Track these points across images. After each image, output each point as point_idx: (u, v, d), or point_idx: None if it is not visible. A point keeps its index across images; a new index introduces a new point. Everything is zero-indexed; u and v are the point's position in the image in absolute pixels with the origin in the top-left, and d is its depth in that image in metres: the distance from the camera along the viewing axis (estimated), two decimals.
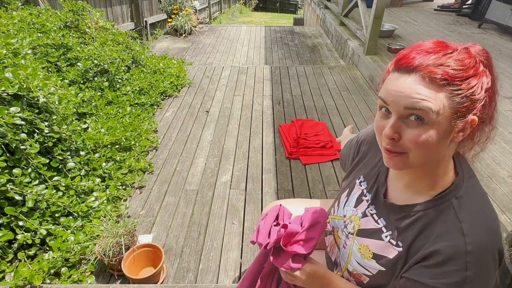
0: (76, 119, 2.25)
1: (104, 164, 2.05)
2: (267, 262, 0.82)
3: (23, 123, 1.64)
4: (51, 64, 2.51)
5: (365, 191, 0.80)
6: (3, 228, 1.52)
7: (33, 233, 1.58)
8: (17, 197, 1.55)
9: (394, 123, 0.59)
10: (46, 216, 1.64)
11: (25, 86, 1.73)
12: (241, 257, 1.70)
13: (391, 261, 0.69)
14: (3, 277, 1.50)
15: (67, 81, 2.51)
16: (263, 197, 2.11)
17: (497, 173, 1.94)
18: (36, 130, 1.74)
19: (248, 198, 2.09)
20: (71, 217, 1.72)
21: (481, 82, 0.57)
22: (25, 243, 1.56)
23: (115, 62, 2.94)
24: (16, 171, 1.58)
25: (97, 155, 2.08)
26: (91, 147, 2.09)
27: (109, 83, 2.83)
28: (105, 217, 1.80)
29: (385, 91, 0.61)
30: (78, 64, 2.67)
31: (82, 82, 2.65)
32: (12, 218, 1.54)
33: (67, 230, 1.66)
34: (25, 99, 1.74)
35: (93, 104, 2.51)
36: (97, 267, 1.60)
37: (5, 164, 1.53)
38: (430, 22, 5.67)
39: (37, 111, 1.77)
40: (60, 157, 1.82)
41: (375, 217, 0.75)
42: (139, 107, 2.91)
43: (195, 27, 6.22)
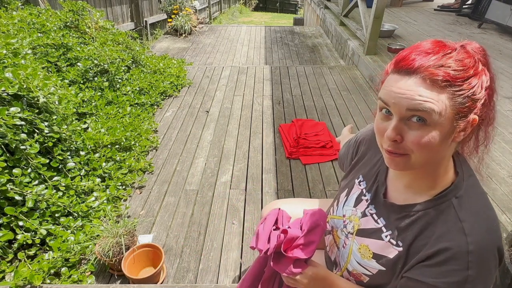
0: (76, 119, 2.25)
1: (104, 164, 2.05)
2: (268, 267, 0.81)
3: (23, 123, 1.64)
4: (51, 64, 2.51)
5: (364, 190, 0.80)
6: (3, 228, 1.52)
7: (33, 233, 1.58)
8: (17, 197, 1.55)
9: (396, 125, 0.59)
10: (46, 216, 1.64)
11: (25, 86, 1.73)
12: (241, 257, 1.70)
13: (391, 260, 0.69)
14: (3, 277, 1.50)
15: (67, 81, 2.51)
16: (263, 197, 2.11)
17: (497, 173, 1.94)
18: (36, 130, 1.74)
19: (248, 198, 2.09)
20: (71, 217, 1.72)
21: (481, 81, 0.57)
22: (25, 243, 1.56)
23: (115, 62, 2.94)
24: (16, 171, 1.58)
25: (97, 155, 2.08)
26: (91, 147, 2.09)
27: (109, 83, 2.83)
28: (105, 217, 1.80)
29: (386, 93, 0.60)
30: (78, 64, 2.67)
31: (82, 82, 2.65)
32: (12, 218, 1.54)
33: (67, 230, 1.66)
34: (25, 99, 1.74)
35: (93, 104, 2.51)
36: (97, 267, 1.60)
37: (5, 164, 1.53)
38: (430, 22, 5.67)
39: (37, 111, 1.77)
40: (60, 157, 1.82)
41: (375, 216, 0.75)
42: (139, 107, 2.91)
43: (195, 27, 6.22)
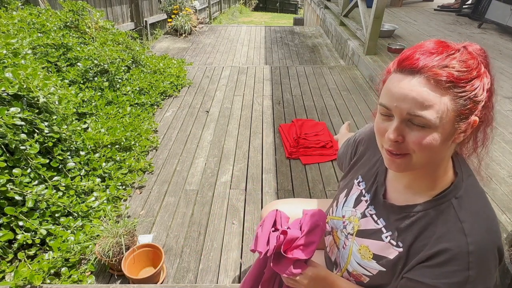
0: (76, 119, 2.25)
1: (104, 164, 2.05)
2: (267, 268, 0.81)
3: (23, 123, 1.64)
4: (51, 64, 2.51)
5: (363, 191, 0.80)
6: (3, 228, 1.52)
7: (33, 233, 1.58)
8: (17, 197, 1.55)
9: (397, 126, 0.59)
10: (46, 216, 1.64)
11: (25, 86, 1.73)
12: (241, 257, 1.70)
13: (392, 261, 0.69)
14: (3, 277, 1.50)
15: (67, 81, 2.51)
16: (263, 197, 2.11)
17: (497, 173, 1.94)
18: (36, 130, 1.74)
19: (248, 198, 2.09)
20: (71, 217, 1.72)
21: (483, 83, 0.57)
22: (25, 243, 1.56)
23: (115, 62, 2.94)
24: (16, 171, 1.58)
25: (97, 155, 2.08)
26: (91, 147, 2.09)
27: (109, 83, 2.83)
28: (105, 217, 1.80)
29: (387, 95, 0.60)
30: (78, 64, 2.67)
31: (82, 82, 2.65)
32: (12, 218, 1.54)
33: (67, 230, 1.66)
34: (25, 99, 1.74)
35: (93, 104, 2.51)
36: (97, 267, 1.60)
37: (5, 164, 1.53)
38: (430, 22, 5.67)
39: (37, 111, 1.77)
40: (60, 157, 1.82)
41: (375, 217, 0.75)
42: (139, 107, 2.91)
43: (195, 27, 6.22)
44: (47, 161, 1.75)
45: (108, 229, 1.60)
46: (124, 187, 2.09)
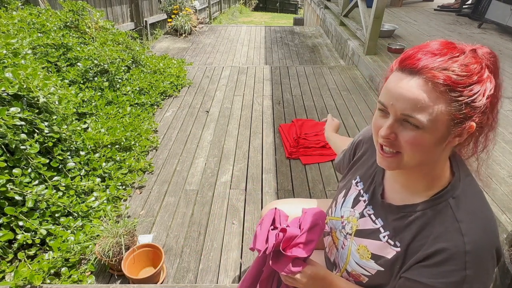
0: (76, 119, 2.25)
1: (104, 164, 2.05)
2: (266, 266, 0.81)
3: (23, 123, 1.64)
4: (51, 64, 2.51)
5: (362, 191, 0.81)
6: (3, 228, 1.52)
7: (33, 233, 1.58)
8: (17, 197, 1.55)
9: (391, 124, 0.60)
10: (46, 216, 1.64)
11: (25, 86, 1.73)
12: (241, 257, 1.70)
13: (389, 261, 0.69)
14: (3, 277, 1.50)
15: (67, 81, 2.51)
16: (263, 197, 2.11)
17: (497, 173, 1.94)
18: (36, 130, 1.74)
19: (248, 198, 2.09)
20: (71, 217, 1.72)
21: (483, 89, 0.56)
22: (25, 243, 1.56)
23: (115, 62, 2.94)
24: (16, 171, 1.58)
25: (97, 155, 2.08)
26: (91, 147, 2.09)
27: (109, 83, 2.83)
28: (105, 217, 1.80)
29: (386, 92, 0.61)
30: (78, 64, 2.67)
31: (82, 82, 2.65)
32: (12, 218, 1.54)
33: (67, 230, 1.66)
34: (25, 99, 1.74)
35: (93, 104, 2.51)
36: (97, 267, 1.60)
37: (5, 164, 1.53)
38: (430, 22, 5.67)
39: (37, 111, 1.77)
40: (60, 157, 1.82)
41: (373, 217, 0.75)
42: (139, 107, 2.91)
43: (195, 27, 6.22)
44: (47, 161, 1.75)
45: (108, 229, 1.60)
46: (124, 187, 2.09)
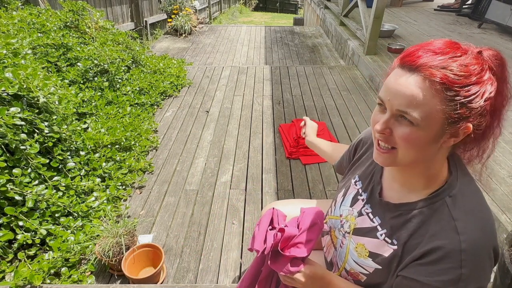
0: (76, 119, 2.25)
1: (104, 164, 2.05)
2: (264, 266, 0.81)
3: (23, 123, 1.64)
4: (51, 64, 2.51)
5: (360, 190, 0.81)
6: (3, 228, 1.52)
7: (33, 233, 1.58)
8: (17, 197, 1.55)
9: (387, 119, 0.61)
10: (46, 216, 1.64)
11: (25, 86, 1.73)
12: (241, 257, 1.70)
13: (387, 259, 0.69)
14: (3, 277, 1.50)
15: (67, 81, 2.51)
16: (263, 197, 2.11)
17: (497, 173, 1.94)
18: (36, 130, 1.74)
19: (248, 198, 2.09)
20: (71, 217, 1.72)
21: (482, 91, 0.56)
22: (25, 243, 1.56)
23: (115, 62, 2.94)
24: (16, 171, 1.58)
25: (97, 155, 2.08)
26: (91, 147, 2.09)
27: (109, 83, 2.83)
28: (105, 217, 1.80)
29: (385, 88, 0.62)
30: (78, 64, 2.67)
31: (82, 82, 2.65)
32: (12, 218, 1.54)
33: (67, 230, 1.66)
34: (25, 99, 1.74)
35: (93, 104, 2.51)
36: (97, 267, 1.60)
37: (5, 164, 1.53)
38: (430, 22, 5.67)
39: (37, 111, 1.77)
40: (60, 157, 1.82)
41: (371, 215, 0.76)
42: (139, 107, 2.91)
43: (195, 27, 6.22)
44: (47, 161, 1.75)
45: (108, 229, 1.60)
46: (124, 187, 2.09)
